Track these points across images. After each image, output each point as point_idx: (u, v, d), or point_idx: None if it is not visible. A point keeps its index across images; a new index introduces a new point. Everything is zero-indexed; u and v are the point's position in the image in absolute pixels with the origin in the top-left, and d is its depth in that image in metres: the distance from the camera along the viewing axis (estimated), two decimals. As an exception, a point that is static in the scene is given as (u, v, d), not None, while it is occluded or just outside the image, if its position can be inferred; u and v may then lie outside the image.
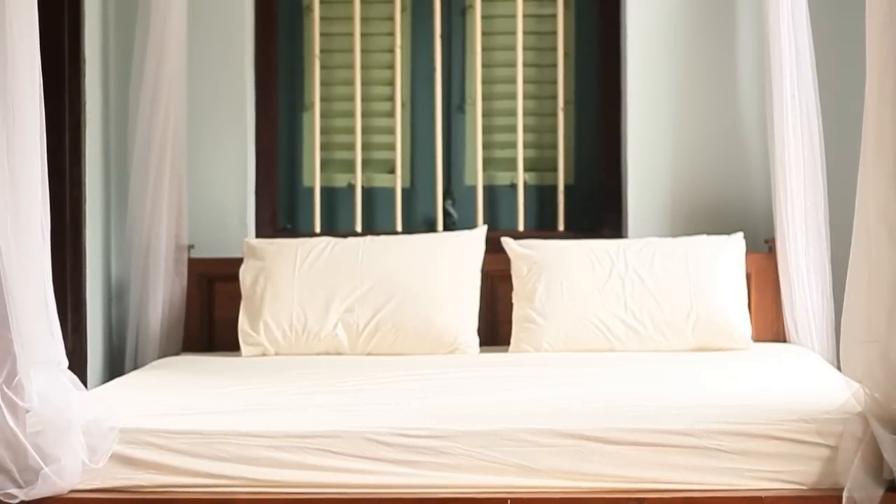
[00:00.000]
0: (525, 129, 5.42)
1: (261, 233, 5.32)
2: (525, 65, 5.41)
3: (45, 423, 3.41)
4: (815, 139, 4.88)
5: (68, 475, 3.43)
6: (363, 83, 5.43)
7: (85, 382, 3.94)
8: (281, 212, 5.42)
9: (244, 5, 5.31)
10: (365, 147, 5.45)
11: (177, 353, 5.04)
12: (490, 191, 5.47)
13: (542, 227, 5.44)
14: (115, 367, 5.03)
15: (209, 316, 5.16)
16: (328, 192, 5.45)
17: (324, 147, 5.46)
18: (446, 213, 5.47)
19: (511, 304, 4.95)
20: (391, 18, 5.45)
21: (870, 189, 3.43)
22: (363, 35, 5.43)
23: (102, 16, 5.04)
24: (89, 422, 3.49)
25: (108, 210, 5.10)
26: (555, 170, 5.40)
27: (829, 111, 4.98)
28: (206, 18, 5.24)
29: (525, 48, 5.42)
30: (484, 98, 5.44)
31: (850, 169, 3.63)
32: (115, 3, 5.17)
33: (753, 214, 5.19)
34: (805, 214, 4.87)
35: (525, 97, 5.41)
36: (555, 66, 5.41)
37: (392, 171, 5.45)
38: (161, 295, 4.99)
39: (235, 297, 4.95)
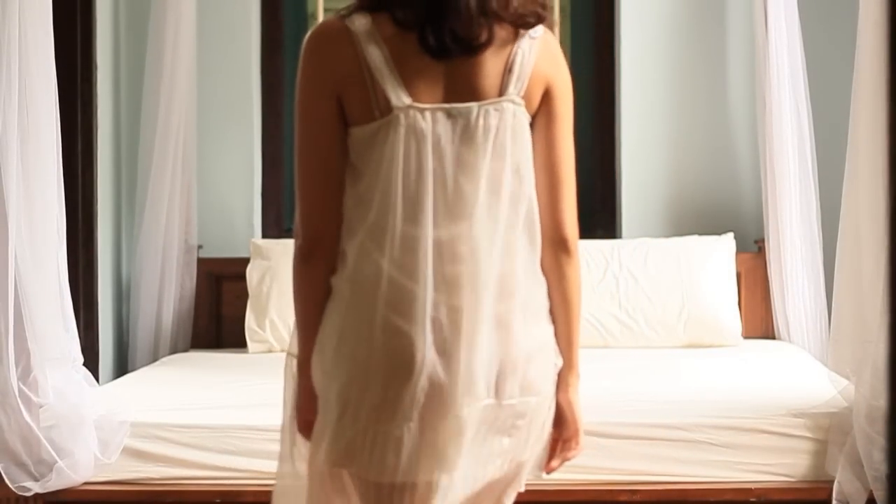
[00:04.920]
0: (523, 133, 5.47)
1: (267, 233, 5.31)
2: (523, 70, 5.47)
3: (59, 418, 3.46)
4: (806, 140, 4.86)
5: (81, 468, 3.49)
6: (366, 88, 5.47)
7: (97, 378, 3.98)
8: (286, 213, 5.40)
9: (251, 13, 5.31)
10: (368, 150, 5.48)
11: (186, 350, 5.05)
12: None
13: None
14: (125, 364, 5.03)
15: (217, 314, 5.16)
16: (332, 195, 5.48)
17: (328, 150, 5.49)
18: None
19: (510, 303, 5.00)
20: (393, 26, 5.49)
21: (858, 191, 3.45)
22: (366, 42, 5.47)
23: (114, 22, 5.06)
24: (101, 416, 3.54)
25: (118, 211, 5.11)
26: (552, 172, 5.46)
27: (819, 112, 4.96)
28: (215, 26, 5.24)
29: (523, 54, 5.48)
30: (483, 103, 5.48)
31: (841, 169, 3.66)
32: (127, 10, 5.18)
33: (743, 216, 5.20)
34: (794, 215, 4.85)
35: (523, 102, 5.47)
36: (552, 71, 5.47)
37: (395, 173, 5.49)
38: (171, 293, 4.99)
39: (242, 296, 4.96)
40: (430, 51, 2.20)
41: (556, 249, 2.31)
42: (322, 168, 2.27)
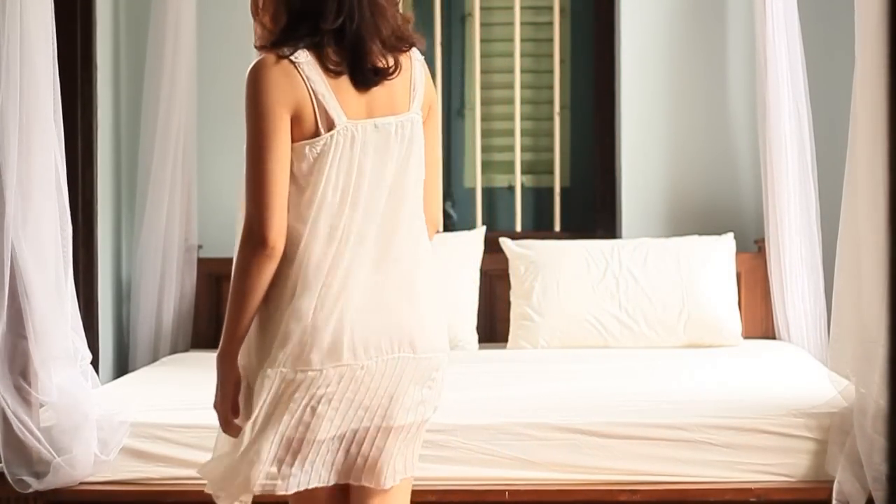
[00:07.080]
0: (522, 133, 5.45)
1: (266, 233, 5.34)
2: (522, 71, 5.44)
3: (61, 417, 3.48)
4: (806, 140, 4.87)
5: (81, 467, 3.50)
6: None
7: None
8: (286, 213, 5.46)
9: (251, 13, 5.37)
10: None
11: (186, 350, 5.06)
12: (488, 193, 5.50)
13: (538, 227, 5.47)
14: (125, 364, 5.04)
15: (217, 314, 5.12)
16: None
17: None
18: (446, 215, 5.49)
19: (509, 303, 4.97)
20: (392, 26, 5.51)
21: (858, 190, 3.45)
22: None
23: (114, 22, 5.07)
24: (101, 416, 3.55)
25: (118, 211, 5.12)
26: (551, 172, 5.44)
27: (819, 112, 4.97)
28: (215, 26, 5.26)
29: (522, 55, 5.45)
30: (483, 103, 5.47)
31: (841, 169, 3.66)
32: (127, 10, 5.19)
33: (743, 216, 5.21)
34: (794, 215, 4.86)
35: (522, 102, 5.44)
36: (551, 72, 5.45)
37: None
38: (171, 293, 5.01)
39: (242, 296, 5.01)
40: (357, 87, 2.74)
41: (430, 225, 2.86)
42: (282, 176, 2.69)
